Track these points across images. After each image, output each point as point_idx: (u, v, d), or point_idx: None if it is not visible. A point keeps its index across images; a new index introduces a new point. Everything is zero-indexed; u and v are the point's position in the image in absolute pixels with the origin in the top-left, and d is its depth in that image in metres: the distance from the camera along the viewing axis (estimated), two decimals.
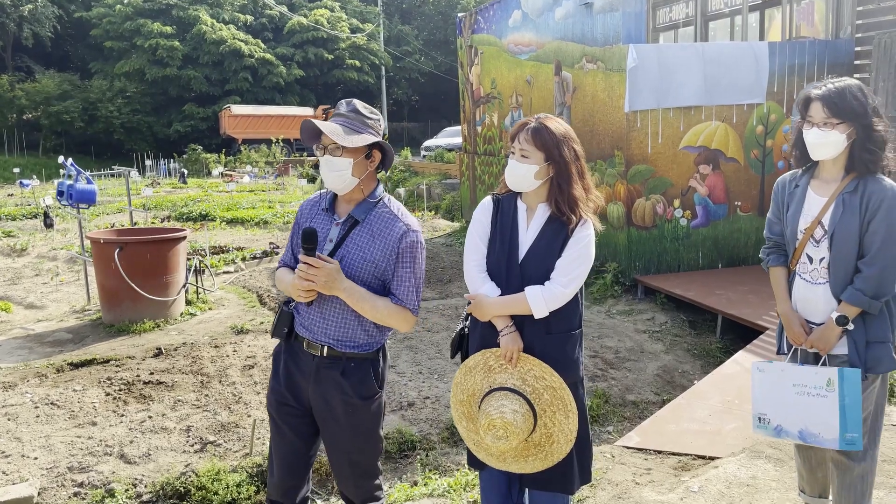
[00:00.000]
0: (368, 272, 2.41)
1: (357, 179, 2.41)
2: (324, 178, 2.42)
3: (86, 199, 7.36)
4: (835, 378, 2.50)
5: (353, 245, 2.42)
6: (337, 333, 2.44)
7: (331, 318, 2.44)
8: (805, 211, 2.66)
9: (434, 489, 3.43)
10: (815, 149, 2.57)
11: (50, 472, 3.95)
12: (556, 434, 2.41)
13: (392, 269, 2.43)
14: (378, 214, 2.45)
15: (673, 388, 5.39)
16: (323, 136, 2.40)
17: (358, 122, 2.42)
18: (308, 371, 2.48)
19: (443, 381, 5.31)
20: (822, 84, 2.60)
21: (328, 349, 2.44)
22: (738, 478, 3.25)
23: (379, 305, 2.41)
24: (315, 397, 2.49)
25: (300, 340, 2.50)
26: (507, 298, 2.46)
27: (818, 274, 2.63)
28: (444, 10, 43.82)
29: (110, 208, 16.17)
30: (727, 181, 7.56)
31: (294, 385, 2.52)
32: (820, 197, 2.63)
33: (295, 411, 2.54)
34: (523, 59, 9.60)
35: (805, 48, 7.56)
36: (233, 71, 37.93)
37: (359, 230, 2.43)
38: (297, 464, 2.58)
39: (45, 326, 6.90)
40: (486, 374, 2.50)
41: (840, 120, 2.50)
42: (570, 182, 2.43)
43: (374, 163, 2.47)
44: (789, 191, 2.74)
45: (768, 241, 2.84)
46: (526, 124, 2.48)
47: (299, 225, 2.57)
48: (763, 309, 6.06)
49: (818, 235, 2.62)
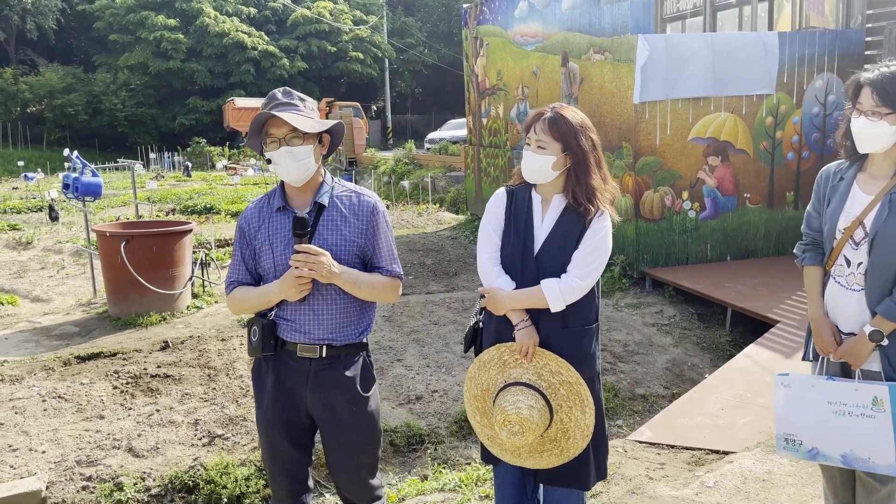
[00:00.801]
0: (349, 252, 2.37)
1: (317, 165, 2.38)
2: (284, 171, 2.32)
3: (91, 192, 7.33)
4: (884, 396, 2.23)
5: (327, 230, 2.37)
6: (333, 328, 2.38)
7: (324, 314, 2.37)
8: (847, 208, 2.42)
9: (445, 484, 3.40)
10: (861, 140, 2.34)
11: (58, 466, 3.94)
12: (573, 429, 2.38)
13: (368, 243, 2.40)
14: (340, 195, 2.43)
15: (682, 381, 5.36)
16: (274, 129, 2.31)
17: (304, 109, 2.37)
18: (304, 378, 2.39)
19: (450, 375, 5.28)
20: (875, 67, 2.35)
21: (327, 348, 2.38)
22: (753, 472, 3.22)
23: (374, 282, 2.39)
24: (315, 403, 2.41)
25: (291, 348, 2.40)
26: (523, 292, 2.42)
27: (854, 279, 2.40)
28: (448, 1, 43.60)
29: (115, 201, 16.16)
30: (736, 173, 7.50)
31: (288, 398, 2.43)
32: (865, 194, 2.39)
33: (292, 425, 2.45)
34: (529, 51, 9.53)
35: (815, 38, 7.48)
36: (236, 63, 37.84)
37: (328, 214, 2.38)
38: (299, 471, 2.54)
39: (51, 320, 6.89)
40: (500, 368, 2.47)
41: (891, 110, 2.26)
42: (588, 172, 2.38)
43: (324, 147, 2.44)
44: (832, 183, 2.49)
45: (806, 236, 2.60)
46: (541, 114, 2.43)
47: (249, 238, 2.44)
48: (773, 302, 6.02)
49: (858, 237, 2.38)
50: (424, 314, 6.81)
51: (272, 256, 2.38)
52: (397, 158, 22.04)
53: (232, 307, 2.50)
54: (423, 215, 13.66)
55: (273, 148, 2.31)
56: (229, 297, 2.49)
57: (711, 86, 7.24)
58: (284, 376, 2.42)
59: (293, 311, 2.39)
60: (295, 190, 2.42)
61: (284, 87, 2.46)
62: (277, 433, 2.46)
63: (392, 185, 18.54)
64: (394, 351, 5.82)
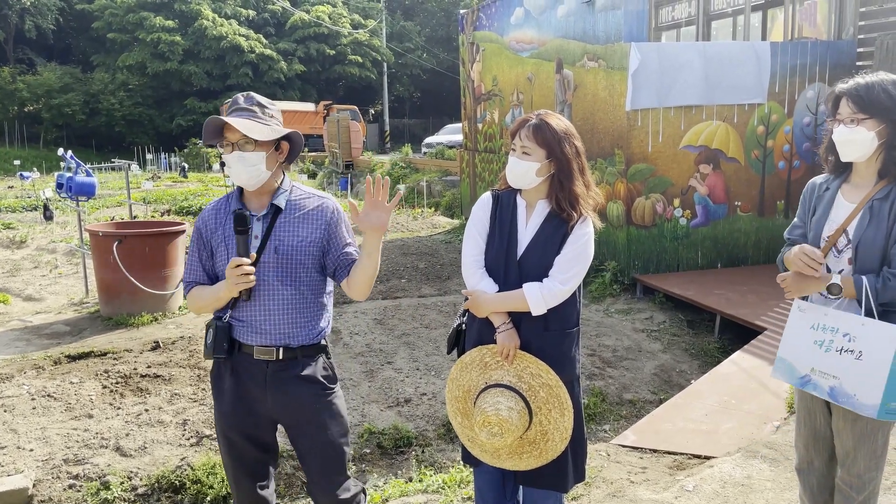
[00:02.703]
0: (306, 253, 2.41)
1: (269, 172, 2.41)
2: (235, 175, 2.36)
3: (85, 192, 7.35)
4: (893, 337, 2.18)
5: (284, 231, 2.41)
6: (288, 329, 2.40)
7: (277, 315, 2.39)
8: (832, 217, 2.45)
9: (429, 485, 3.43)
10: (841, 147, 2.37)
11: (45, 464, 3.95)
12: (552, 432, 2.41)
13: (333, 242, 2.45)
14: (297, 198, 2.47)
15: (670, 387, 5.39)
16: (229, 133, 2.36)
17: (263, 116, 2.40)
18: (262, 380, 2.41)
19: (440, 378, 5.31)
20: (850, 79, 2.38)
21: (284, 350, 2.39)
22: (733, 477, 3.25)
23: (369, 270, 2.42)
24: (277, 405, 2.43)
25: (248, 350, 2.41)
26: (505, 295, 2.45)
27: None
28: (447, 7, 43.74)
29: (110, 201, 16.16)
30: (727, 181, 7.55)
31: (247, 400, 2.44)
32: (849, 203, 2.43)
33: (252, 427, 2.47)
34: (525, 57, 9.59)
35: (807, 48, 7.54)
36: (234, 66, 37.88)
37: (284, 216, 2.42)
38: (262, 471, 2.55)
39: (42, 319, 6.90)
40: (482, 370, 2.49)
41: (867, 115, 2.30)
42: (571, 178, 2.42)
43: (282, 154, 2.46)
44: (818, 194, 2.53)
45: (787, 241, 2.63)
46: (526, 121, 2.46)
47: (206, 238, 2.48)
48: (762, 309, 6.06)
49: (841, 244, 2.42)
50: (416, 317, 6.84)
51: (228, 257, 2.41)
52: (394, 162, 22.08)
53: (190, 307, 2.55)
54: (418, 219, 13.70)
55: (227, 151, 2.36)
56: (187, 297, 2.54)
57: (704, 94, 7.29)
58: (243, 379, 2.44)
59: (247, 312, 2.41)
60: (252, 193, 2.45)
61: (248, 92, 2.50)
62: (237, 436, 2.48)
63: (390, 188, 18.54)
64: (384, 354, 5.84)
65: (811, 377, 2.35)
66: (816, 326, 2.36)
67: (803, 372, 2.38)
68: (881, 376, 2.18)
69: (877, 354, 2.21)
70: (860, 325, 2.26)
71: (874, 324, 2.24)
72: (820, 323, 2.36)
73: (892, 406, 2.19)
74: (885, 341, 2.21)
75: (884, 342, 2.21)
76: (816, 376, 2.34)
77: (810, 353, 2.37)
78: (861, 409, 2.24)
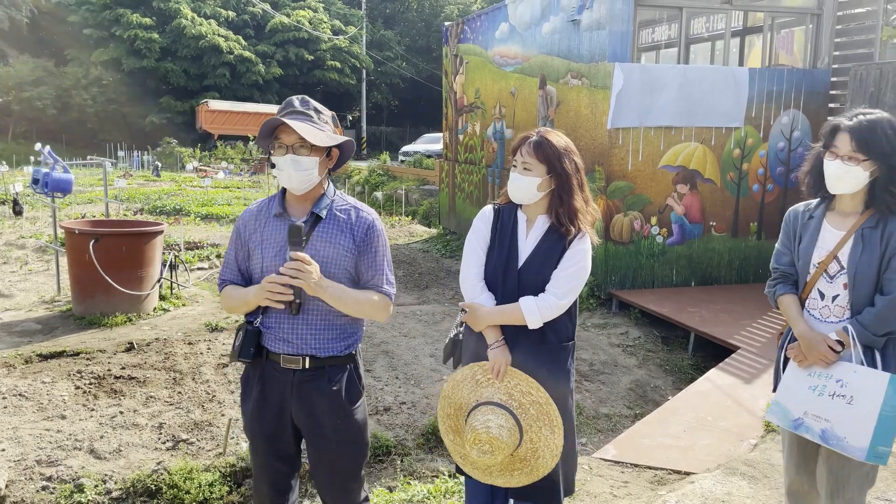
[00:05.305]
0: (341, 266, 2.37)
1: (320, 178, 2.39)
2: (285, 178, 2.33)
3: (61, 189, 7.23)
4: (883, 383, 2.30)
5: (320, 241, 2.37)
6: (316, 340, 2.37)
7: (307, 325, 2.37)
8: (820, 244, 2.52)
9: (413, 495, 3.43)
10: (835, 181, 2.44)
11: (18, 465, 3.87)
12: (542, 449, 2.43)
13: (362, 259, 2.40)
14: (339, 208, 2.43)
15: (645, 402, 5.47)
16: (284, 135, 2.33)
17: (319, 121, 2.38)
18: (288, 388, 2.39)
19: (419, 387, 5.32)
20: (852, 114, 2.44)
21: (310, 359, 2.37)
22: (713, 493, 3.31)
23: (360, 298, 2.37)
24: (299, 414, 2.41)
25: (275, 357, 2.39)
26: (502, 308, 2.48)
27: (829, 311, 2.51)
28: (428, 17, 43.96)
29: (81, 198, 15.89)
30: (703, 201, 7.71)
31: (273, 406, 2.42)
32: (836, 230, 2.50)
33: (276, 435, 2.45)
34: (508, 71, 9.69)
35: (784, 76, 7.75)
36: (211, 66, 37.56)
37: (323, 226, 2.39)
38: (281, 482, 2.52)
39: (12, 316, 6.75)
40: (473, 387, 2.51)
41: (866, 157, 2.37)
42: (571, 194, 2.47)
43: (332, 161, 2.45)
44: (802, 221, 2.59)
45: (774, 272, 2.68)
46: (527, 138, 2.52)
47: (244, 239, 2.46)
48: (734, 328, 6.19)
49: (833, 270, 2.49)
50: (395, 326, 6.84)
51: (262, 260, 2.39)
52: (371, 169, 22.08)
53: (222, 304, 2.53)
54: (395, 227, 13.70)
55: (280, 154, 2.33)
56: (220, 295, 2.52)
57: (683, 116, 7.45)
58: (269, 386, 2.42)
59: (276, 319, 2.39)
60: (295, 198, 2.43)
61: (303, 95, 2.47)
62: (260, 441, 2.46)
63: (365, 195, 18.54)
64: (363, 362, 5.83)
65: (804, 420, 2.45)
66: (813, 374, 2.47)
67: (797, 415, 2.46)
68: (870, 421, 2.28)
69: (867, 399, 2.31)
70: (852, 371, 2.38)
71: (865, 370, 2.36)
72: (816, 370, 2.46)
73: (880, 450, 2.28)
74: (875, 387, 2.32)
75: (874, 388, 2.32)
76: (809, 419, 2.43)
77: (805, 398, 2.46)
78: (850, 452, 2.33)
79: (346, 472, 2.47)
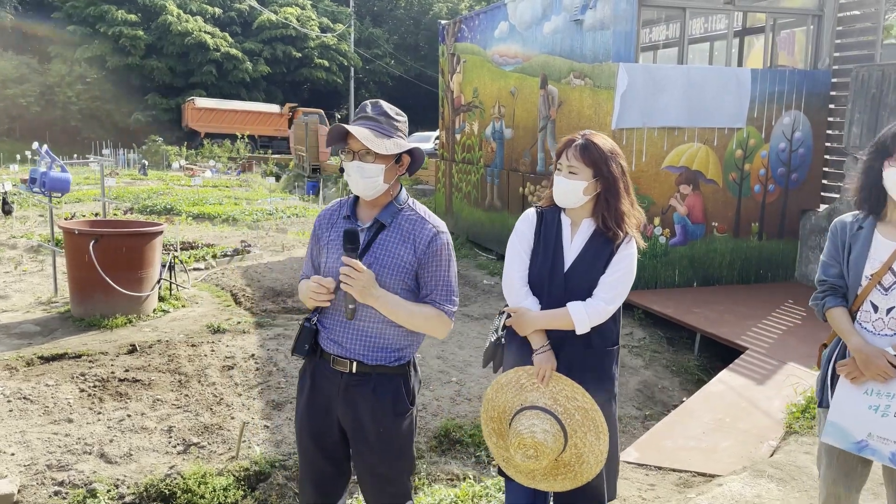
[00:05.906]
0: (397, 276, 2.32)
1: (387, 185, 2.34)
2: (352, 184, 2.33)
3: (59, 188, 7.11)
4: None
5: (381, 249, 2.33)
6: (366, 347, 2.34)
7: (355, 331, 2.35)
8: (872, 255, 2.45)
9: (441, 499, 3.39)
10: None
11: (28, 470, 3.79)
12: (587, 454, 2.41)
13: (423, 272, 2.35)
14: (405, 217, 2.38)
15: (654, 403, 5.46)
16: (352, 141, 2.30)
17: (388, 126, 2.33)
18: (335, 389, 2.39)
19: (429, 389, 5.27)
20: None
21: (357, 364, 2.35)
22: (743, 496, 3.30)
23: (415, 311, 2.32)
24: (345, 416, 2.39)
25: (327, 357, 2.40)
26: (550, 313, 2.45)
27: (883, 324, 2.43)
28: (416, 15, 43.87)
29: (69, 197, 15.66)
30: (705, 202, 7.72)
31: (321, 405, 2.43)
32: (889, 241, 2.44)
33: (323, 435, 2.44)
34: (508, 71, 9.65)
35: (785, 77, 7.78)
36: (198, 63, 37.30)
37: (386, 234, 2.35)
38: (327, 484, 2.49)
39: (10, 317, 6.63)
40: (517, 392, 2.49)
41: None
42: (617, 197, 2.44)
43: (403, 167, 2.40)
44: (851, 232, 2.52)
45: (822, 284, 2.60)
46: (572, 141, 2.48)
47: (318, 236, 2.49)
48: (740, 329, 6.20)
49: (887, 282, 2.42)
50: None
51: (325, 259, 2.41)
52: None
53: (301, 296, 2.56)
54: None
55: (348, 159, 2.33)
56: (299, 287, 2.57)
57: (686, 116, 7.45)
58: (319, 384, 2.42)
59: (330, 320, 2.40)
60: (364, 203, 2.42)
61: (377, 100, 2.43)
62: (308, 439, 2.46)
63: None
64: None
65: (868, 442, 2.36)
66: (870, 391, 2.38)
67: (859, 437, 2.37)
68: None
69: None
70: None
71: None
72: (874, 388, 2.37)
73: None
74: None
75: None
76: (875, 441, 2.34)
77: (866, 418, 2.37)
78: None
79: (388, 481, 2.44)
